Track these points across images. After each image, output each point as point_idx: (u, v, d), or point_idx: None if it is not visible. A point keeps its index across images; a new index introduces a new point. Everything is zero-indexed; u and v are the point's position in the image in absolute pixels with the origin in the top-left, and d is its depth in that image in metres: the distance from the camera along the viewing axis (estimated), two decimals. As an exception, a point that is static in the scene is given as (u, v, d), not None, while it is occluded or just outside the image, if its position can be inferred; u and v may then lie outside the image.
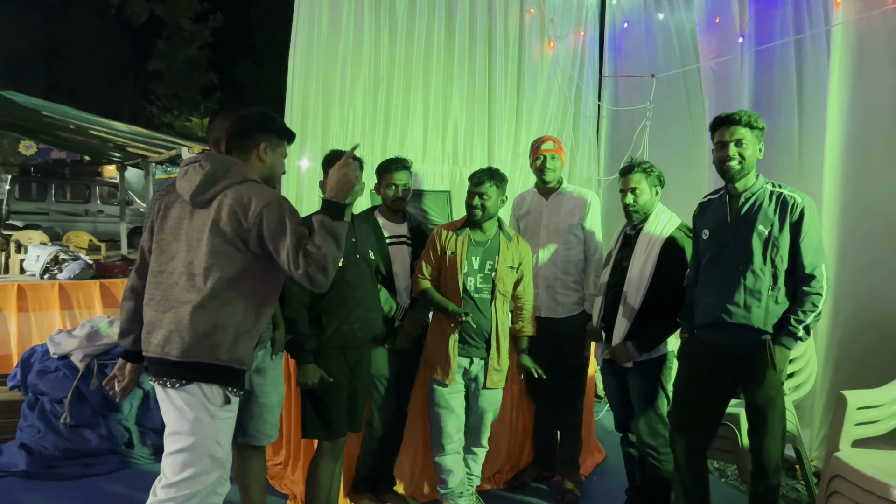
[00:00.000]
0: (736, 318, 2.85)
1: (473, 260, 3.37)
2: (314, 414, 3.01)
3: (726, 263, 2.90)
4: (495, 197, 3.38)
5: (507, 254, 3.40)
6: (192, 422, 2.19)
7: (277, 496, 3.67)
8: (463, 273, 3.34)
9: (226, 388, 2.24)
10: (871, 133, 3.84)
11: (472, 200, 3.38)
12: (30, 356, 4.44)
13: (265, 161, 2.41)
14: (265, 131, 2.41)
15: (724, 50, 4.82)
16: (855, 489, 2.82)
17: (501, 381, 3.44)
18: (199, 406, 2.20)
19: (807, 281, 2.80)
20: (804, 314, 2.78)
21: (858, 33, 3.85)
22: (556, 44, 5.61)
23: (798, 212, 2.81)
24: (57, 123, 9.70)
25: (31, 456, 3.95)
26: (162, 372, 2.22)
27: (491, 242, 3.41)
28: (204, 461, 2.20)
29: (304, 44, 4.65)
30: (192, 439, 2.19)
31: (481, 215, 3.36)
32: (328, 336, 3.00)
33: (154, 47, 22.93)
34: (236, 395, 2.29)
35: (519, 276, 3.46)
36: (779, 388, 2.84)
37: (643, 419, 3.27)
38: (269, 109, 2.54)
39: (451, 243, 3.39)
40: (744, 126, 2.86)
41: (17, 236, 10.31)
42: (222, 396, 2.23)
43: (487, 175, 3.39)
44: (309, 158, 4.68)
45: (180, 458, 2.20)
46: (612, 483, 3.94)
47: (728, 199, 2.98)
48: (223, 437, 2.26)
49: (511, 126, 5.48)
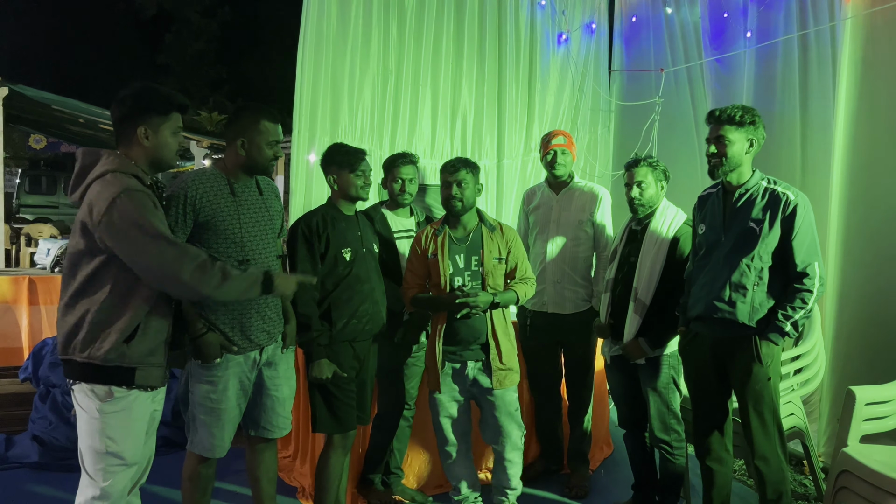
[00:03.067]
0: (721, 314, 2.87)
1: (458, 258, 3.17)
2: (325, 408, 3.02)
3: (716, 258, 2.92)
4: (472, 185, 3.16)
5: (491, 245, 3.17)
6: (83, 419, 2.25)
7: (286, 489, 3.69)
8: (448, 274, 3.15)
9: (104, 385, 2.23)
10: (879, 128, 3.83)
11: (449, 192, 3.14)
12: (41, 349, 4.48)
13: (147, 144, 2.28)
14: (141, 113, 2.26)
15: (730, 45, 4.81)
16: (863, 485, 2.82)
17: (511, 380, 3.19)
18: (84, 402, 2.23)
19: (798, 278, 2.80)
20: (793, 310, 2.78)
21: (867, 27, 3.84)
22: (567, 37, 5.60)
23: (791, 209, 2.80)
24: (66, 117, 9.77)
25: (43, 447, 3.99)
26: (63, 370, 2.30)
27: (473, 236, 3.20)
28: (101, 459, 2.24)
29: (313, 37, 4.65)
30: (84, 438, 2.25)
31: (461, 206, 3.14)
32: (338, 330, 3.02)
33: (163, 41, 22.98)
34: (129, 390, 2.26)
35: (512, 266, 3.22)
36: (766, 382, 2.84)
37: (655, 415, 3.28)
38: (153, 84, 2.37)
39: (430, 245, 3.21)
40: (728, 123, 2.86)
41: (28, 230, 10.39)
42: (104, 392, 2.23)
43: (462, 162, 3.18)
44: (317, 152, 4.69)
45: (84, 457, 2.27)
46: (621, 476, 3.96)
47: (723, 194, 2.99)
48: (114, 432, 2.25)
49: (522, 120, 5.47)
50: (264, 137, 2.68)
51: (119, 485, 2.28)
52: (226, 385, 2.65)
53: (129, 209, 2.13)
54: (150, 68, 23.61)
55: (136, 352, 2.24)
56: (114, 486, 2.26)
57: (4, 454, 3.99)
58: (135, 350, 2.24)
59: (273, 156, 2.72)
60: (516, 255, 3.23)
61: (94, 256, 2.20)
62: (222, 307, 2.63)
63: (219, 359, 2.61)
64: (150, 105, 2.29)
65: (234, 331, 2.65)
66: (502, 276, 3.20)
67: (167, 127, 2.31)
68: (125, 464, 2.28)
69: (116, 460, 2.26)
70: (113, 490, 2.26)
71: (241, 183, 2.73)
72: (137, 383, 2.26)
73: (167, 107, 2.31)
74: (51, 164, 20.61)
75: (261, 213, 2.75)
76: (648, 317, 3.23)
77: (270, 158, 2.71)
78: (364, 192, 3.13)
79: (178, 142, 2.37)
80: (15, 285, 5.52)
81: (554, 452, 4.02)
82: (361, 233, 3.16)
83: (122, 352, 2.22)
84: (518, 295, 3.16)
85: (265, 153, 2.70)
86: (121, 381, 2.24)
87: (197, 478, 2.73)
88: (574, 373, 3.87)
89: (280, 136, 2.75)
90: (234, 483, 3.69)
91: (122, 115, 2.30)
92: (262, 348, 2.74)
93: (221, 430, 2.67)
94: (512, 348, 3.23)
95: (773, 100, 4.50)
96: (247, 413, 2.81)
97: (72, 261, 2.23)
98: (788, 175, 4.39)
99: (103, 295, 2.20)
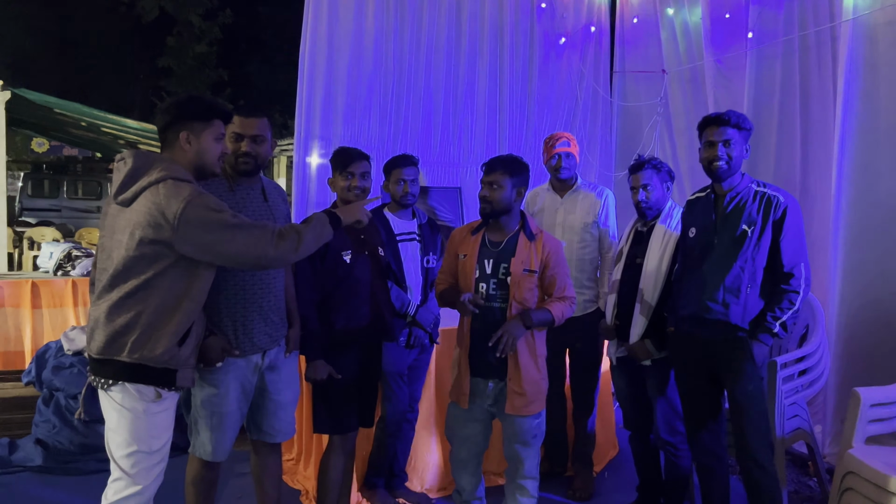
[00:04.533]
0: (714, 315, 2.91)
1: (486, 263, 2.91)
2: (324, 409, 3.03)
3: (709, 261, 2.95)
4: (508, 188, 2.88)
5: (524, 254, 2.87)
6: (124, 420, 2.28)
7: (290, 491, 3.70)
8: (475, 279, 2.92)
9: (150, 386, 2.27)
10: (880, 128, 3.83)
11: (482, 192, 2.92)
12: (44, 352, 4.48)
13: (189, 150, 2.35)
14: (183, 119, 2.35)
15: (731, 45, 4.81)
16: (868, 486, 2.82)
17: (527, 408, 2.85)
18: (129, 403, 2.27)
19: (786, 279, 2.85)
20: (781, 311, 2.83)
21: (868, 26, 3.83)
22: (567, 39, 5.59)
23: (781, 211, 2.86)
24: (69, 121, 9.77)
25: (46, 451, 3.99)
26: (92, 370, 2.32)
27: (507, 242, 2.92)
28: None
29: (314, 40, 4.66)
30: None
31: (489, 209, 2.89)
32: (337, 332, 3.01)
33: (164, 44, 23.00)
34: (170, 391, 2.32)
35: (549, 281, 2.90)
36: (758, 382, 2.89)
37: (661, 416, 3.28)
38: (198, 93, 2.47)
39: (463, 245, 3.01)
40: (732, 126, 2.90)
41: (30, 233, 10.40)
42: (152, 392, 2.28)
43: (500, 163, 2.92)
44: (319, 155, 4.70)
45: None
46: (624, 478, 3.95)
47: (714, 198, 3.02)
48: (159, 432, 2.33)
49: (522, 122, 5.48)
50: (229, 131, 2.64)
51: (157, 482, 2.36)
52: (227, 388, 2.65)
53: (203, 206, 2.20)
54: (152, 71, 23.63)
55: (184, 354, 2.31)
56: (153, 483, 2.34)
57: (8, 458, 3.99)
58: (184, 352, 2.31)
59: (237, 150, 2.68)
60: (554, 269, 2.90)
61: (152, 262, 2.23)
62: (224, 309, 2.63)
63: (220, 362, 2.61)
64: (190, 113, 2.36)
65: (236, 332, 2.65)
66: (531, 289, 2.88)
67: (209, 133, 2.38)
68: (163, 461, 2.37)
69: (157, 458, 2.34)
70: (152, 487, 2.34)
71: (241, 184, 2.73)
72: (178, 384, 2.33)
73: (209, 113, 2.38)
74: (53, 167, 20.63)
75: (265, 217, 2.75)
76: (654, 318, 3.23)
77: (232, 151, 2.68)
78: (351, 194, 3.05)
79: (221, 148, 2.44)
80: (18, 289, 5.52)
81: (558, 454, 4.01)
82: (365, 235, 3.16)
83: (174, 353, 2.28)
84: (553, 314, 2.85)
85: (228, 146, 2.66)
86: (165, 381, 2.29)
87: (200, 481, 2.73)
88: (579, 374, 3.86)
89: (247, 130, 2.68)
90: (239, 486, 3.70)
91: (166, 122, 2.37)
92: (264, 352, 2.74)
93: (222, 433, 2.67)
94: (537, 373, 2.90)
95: (774, 100, 4.51)
96: (249, 417, 2.82)
97: (126, 265, 2.23)
98: (789, 176, 4.39)
99: (158, 299, 2.24)
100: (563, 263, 2.95)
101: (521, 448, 2.92)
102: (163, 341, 2.25)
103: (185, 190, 2.21)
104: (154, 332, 2.25)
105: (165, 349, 2.25)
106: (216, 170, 2.44)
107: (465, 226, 3.12)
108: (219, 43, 24.11)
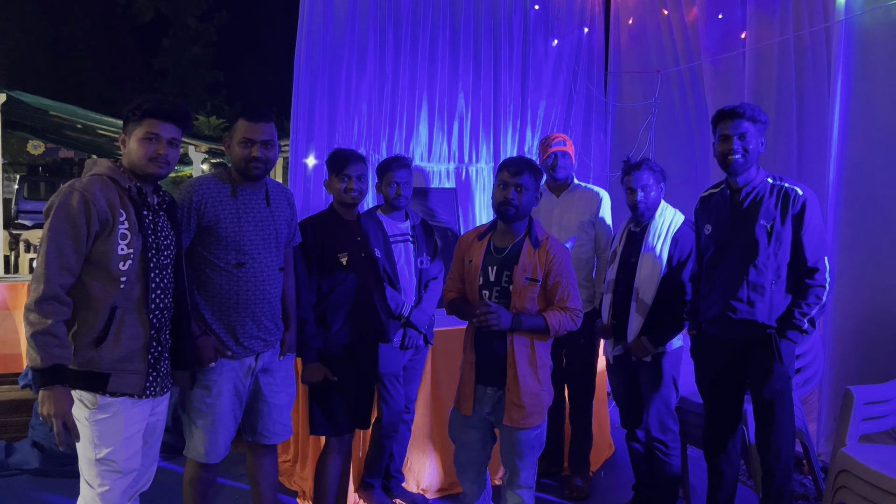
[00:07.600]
0: (740, 314, 2.85)
1: (490, 270, 2.79)
2: (320, 411, 3.04)
3: (729, 259, 2.91)
4: (533, 192, 2.77)
5: (527, 262, 2.74)
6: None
7: (287, 493, 3.70)
8: (479, 286, 2.80)
9: (86, 392, 2.23)
10: (875, 127, 3.84)
11: (506, 195, 2.73)
12: (41, 355, 4.48)
13: (125, 152, 2.37)
14: (126, 121, 2.37)
15: (726, 46, 4.82)
16: (862, 484, 2.83)
17: (525, 420, 2.72)
18: (76, 410, 2.24)
19: (810, 273, 2.80)
20: (808, 306, 2.78)
21: (862, 27, 3.85)
22: (561, 40, 5.61)
23: (800, 204, 2.81)
24: (64, 123, 9.77)
25: (43, 454, 3.99)
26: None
27: (512, 249, 2.78)
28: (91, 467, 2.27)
29: (310, 42, 4.65)
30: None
31: (515, 213, 2.73)
32: (333, 334, 3.02)
33: (160, 45, 22.98)
34: (112, 397, 2.25)
35: (552, 290, 2.75)
36: (786, 381, 2.84)
37: (654, 413, 3.29)
38: (155, 94, 2.48)
39: (470, 251, 2.88)
40: (747, 119, 2.85)
41: (27, 236, 10.39)
42: (90, 399, 2.24)
43: (527, 165, 2.76)
44: (315, 156, 4.70)
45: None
46: (621, 478, 3.96)
47: (729, 194, 2.97)
48: (104, 439, 2.26)
49: (517, 123, 5.48)
50: (236, 136, 2.69)
51: (116, 492, 2.29)
52: (220, 390, 2.66)
53: (57, 208, 2.20)
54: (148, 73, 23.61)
55: (108, 357, 2.24)
56: (110, 493, 2.27)
57: (5, 461, 3.99)
58: (105, 355, 2.23)
59: (248, 155, 2.67)
60: (556, 278, 2.75)
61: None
62: (216, 309, 2.65)
63: (213, 362, 2.61)
64: (128, 113, 2.35)
65: (227, 336, 2.66)
66: (532, 299, 2.74)
67: (138, 133, 2.33)
68: (119, 471, 2.28)
69: (110, 467, 2.27)
70: (110, 497, 2.27)
71: (245, 188, 2.73)
72: (109, 390, 2.24)
73: (137, 113, 2.34)
74: (49, 169, 20.62)
75: (266, 222, 2.75)
76: (650, 316, 3.24)
77: (242, 157, 2.67)
78: (348, 196, 3.09)
79: (154, 148, 2.33)
80: (14, 292, 5.51)
81: (554, 454, 4.02)
82: (361, 237, 3.16)
83: (91, 356, 2.22)
84: (547, 322, 2.70)
85: (236, 152, 2.69)
86: (95, 386, 2.23)
87: (197, 482, 2.74)
88: (576, 374, 3.87)
89: (257, 135, 2.68)
90: (236, 488, 3.70)
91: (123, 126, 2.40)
92: (257, 354, 2.75)
93: (216, 434, 2.67)
94: (537, 385, 2.76)
95: (770, 100, 4.52)
96: (244, 419, 2.82)
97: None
98: (785, 174, 4.40)
99: (72, 300, 2.21)
100: (569, 272, 2.78)
101: (518, 459, 2.82)
102: (75, 342, 2.21)
103: (64, 189, 2.23)
104: (71, 335, 2.22)
105: (78, 350, 2.21)
106: (148, 170, 2.34)
107: (473, 230, 2.99)
108: (215, 44, 24.09)
